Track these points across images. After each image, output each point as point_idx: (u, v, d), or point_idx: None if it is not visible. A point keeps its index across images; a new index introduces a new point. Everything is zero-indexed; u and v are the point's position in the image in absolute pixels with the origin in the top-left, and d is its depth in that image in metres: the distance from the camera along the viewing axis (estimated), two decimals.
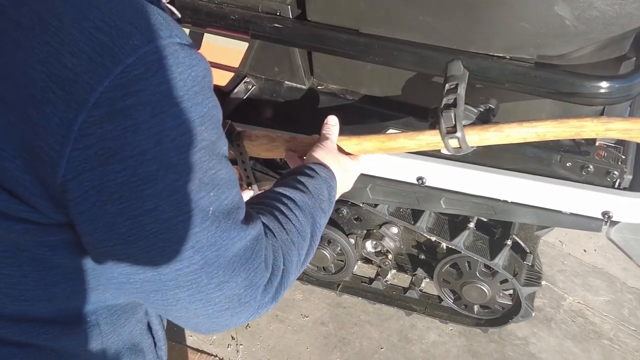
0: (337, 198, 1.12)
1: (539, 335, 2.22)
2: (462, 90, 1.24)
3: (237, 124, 1.30)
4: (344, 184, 1.15)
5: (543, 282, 2.41)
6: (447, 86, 1.28)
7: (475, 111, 1.23)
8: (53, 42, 0.60)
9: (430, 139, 1.18)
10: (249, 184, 1.37)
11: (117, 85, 0.61)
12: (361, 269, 2.30)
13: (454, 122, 1.15)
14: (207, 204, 0.69)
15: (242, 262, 0.74)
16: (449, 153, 1.19)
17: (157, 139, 0.63)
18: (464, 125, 1.17)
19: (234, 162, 1.32)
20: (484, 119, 1.24)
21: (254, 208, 0.89)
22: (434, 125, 1.19)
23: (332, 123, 1.20)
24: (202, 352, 2.10)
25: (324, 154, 1.12)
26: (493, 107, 1.28)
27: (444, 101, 1.22)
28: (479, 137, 1.15)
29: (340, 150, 1.21)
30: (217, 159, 0.71)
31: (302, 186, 0.98)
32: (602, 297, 2.37)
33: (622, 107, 1.47)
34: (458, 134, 1.14)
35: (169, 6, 0.86)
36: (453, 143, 1.15)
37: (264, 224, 0.85)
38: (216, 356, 2.10)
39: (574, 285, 2.41)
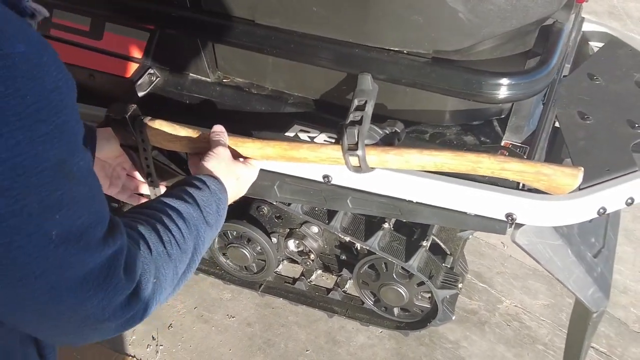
0: (230, 203, 1.10)
1: (471, 339, 2.17)
2: (369, 109, 1.25)
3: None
4: (235, 193, 1.13)
5: (482, 285, 2.38)
6: (355, 102, 1.27)
7: (381, 132, 1.26)
8: None
9: (332, 153, 1.19)
10: (149, 174, 1.32)
11: None
12: (294, 268, 2.24)
13: (356, 140, 1.16)
14: (49, 228, 0.64)
15: (99, 282, 0.70)
16: (350, 171, 1.19)
17: None
18: (367, 145, 1.17)
19: (135, 148, 1.27)
20: (388, 142, 1.25)
21: (133, 217, 0.85)
22: (338, 140, 1.19)
23: (220, 130, 1.17)
24: (120, 352, 2.04)
25: (215, 163, 1.09)
26: (399, 131, 1.29)
27: (350, 117, 1.23)
28: (378, 158, 1.16)
29: (236, 155, 1.18)
30: (68, 178, 0.66)
31: (188, 197, 0.95)
32: (540, 300, 2.32)
33: (532, 105, 1.42)
34: (359, 152, 1.15)
35: (32, 5, 0.78)
36: (354, 161, 1.16)
37: (140, 234, 0.81)
38: (134, 357, 2.04)
39: (512, 288, 2.35)
